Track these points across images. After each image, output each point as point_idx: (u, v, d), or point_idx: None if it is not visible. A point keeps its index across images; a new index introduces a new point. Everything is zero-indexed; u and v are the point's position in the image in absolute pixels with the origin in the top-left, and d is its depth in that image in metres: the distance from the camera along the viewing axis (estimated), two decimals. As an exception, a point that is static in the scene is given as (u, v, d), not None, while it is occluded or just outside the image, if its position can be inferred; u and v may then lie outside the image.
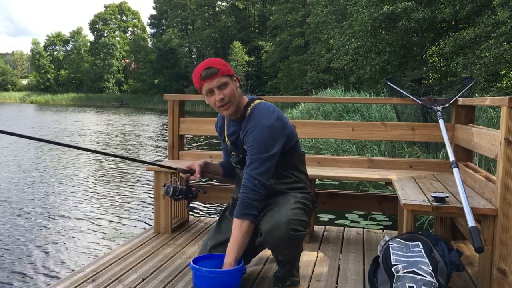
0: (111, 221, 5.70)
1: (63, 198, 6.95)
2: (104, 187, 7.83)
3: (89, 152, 12.22)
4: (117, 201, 6.79)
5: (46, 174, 8.92)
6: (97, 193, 7.36)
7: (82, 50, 72.54)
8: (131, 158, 2.54)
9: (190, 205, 2.51)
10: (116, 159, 11.15)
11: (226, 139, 2.42)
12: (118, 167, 10.03)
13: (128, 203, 6.70)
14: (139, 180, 8.51)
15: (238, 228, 2.15)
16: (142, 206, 6.50)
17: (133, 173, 9.25)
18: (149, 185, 7.91)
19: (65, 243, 4.85)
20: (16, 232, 5.20)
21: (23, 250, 4.59)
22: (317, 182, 5.68)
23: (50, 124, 22.98)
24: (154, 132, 19.85)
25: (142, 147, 14.28)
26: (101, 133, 18.78)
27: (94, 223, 5.60)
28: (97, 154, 11.88)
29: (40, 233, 5.19)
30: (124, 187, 7.85)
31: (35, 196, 7.06)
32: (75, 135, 17.79)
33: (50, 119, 27.14)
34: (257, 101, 2.30)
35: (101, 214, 6.06)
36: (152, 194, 3.78)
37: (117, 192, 7.43)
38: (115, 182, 8.35)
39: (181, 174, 2.40)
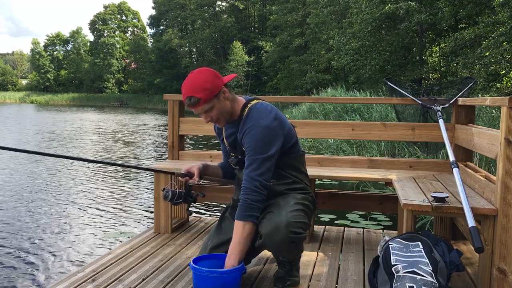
0: (111, 221, 5.70)
1: (63, 198, 6.95)
2: (104, 187, 7.83)
3: (91, 152, 12.24)
4: (117, 201, 6.79)
5: (46, 174, 8.92)
6: (97, 193, 7.36)
7: (82, 50, 72.53)
8: (129, 165, 2.52)
9: (190, 209, 2.50)
10: (117, 158, 11.16)
11: (225, 141, 2.41)
12: (118, 166, 10.02)
13: (128, 203, 6.70)
14: (139, 180, 8.51)
15: (240, 230, 2.14)
16: (142, 206, 6.50)
17: (133, 173, 9.25)
18: (149, 185, 7.91)
19: (65, 243, 4.85)
20: (16, 231, 5.20)
21: (23, 250, 4.59)
22: (317, 182, 5.68)
23: (60, 123, 23.39)
24: (163, 130, 19.98)
25: (149, 144, 14.48)
26: (115, 132, 19.29)
27: (94, 223, 5.60)
28: (99, 153, 11.90)
29: (40, 232, 5.19)
30: (124, 187, 7.85)
31: (35, 195, 7.06)
32: (89, 133, 18.28)
33: (59, 119, 27.46)
34: (254, 102, 2.28)
35: (101, 214, 6.06)
36: (152, 193, 3.78)
37: (117, 192, 7.43)
38: (115, 181, 8.35)
39: (179, 178, 2.40)
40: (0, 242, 4.84)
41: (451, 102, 3.22)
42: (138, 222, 5.68)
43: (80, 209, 6.33)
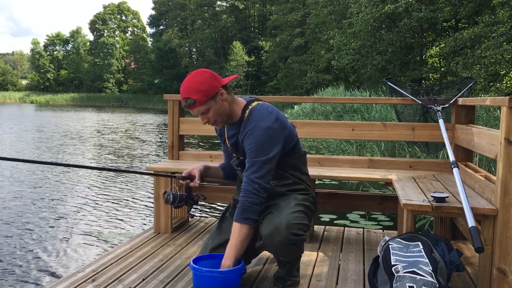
0: (111, 221, 5.70)
1: (63, 198, 6.95)
2: (104, 187, 7.83)
3: (112, 149, 12.24)
4: (117, 201, 6.79)
5: (47, 173, 8.92)
6: (97, 193, 7.36)
7: (82, 50, 72.51)
8: (129, 171, 2.53)
9: (191, 212, 2.49)
10: (117, 157, 11.16)
11: (227, 141, 2.41)
12: (118, 166, 10.02)
13: (128, 203, 6.70)
14: (140, 180, 8.51)
15: (237, 232, 2.14)
16: (142, 206, 6.50)
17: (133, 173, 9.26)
18: (150, 185, 7.91)
19: (65, 243, 4.85)
20: (16, 232, 5.20)
21: (23, 250, 4.59)
22: (317, 182, 5.68)
23: (71, 123, 23.76)
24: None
25: (156, 143, 14.76)
26: (130, 131, 19.82)
27: (94, 223, 5.60)
28: (98, 153, 11.90)
29: (40, 233, 5.19)
30: (124, 187, 7.85)
31: (35, 194, 7.06)
32: (105, 132, 18.75)
33: (67, 118, 27.72)
34: (255, 103, 2.28)
35: (101, 214, 6.06)
36: (152, 193, 3.78)
37: (117, 192, 7.43)
38: (115, 182, 8.34)
39: (180, 181, 2.40)
40: (0, 242, 4.84)
41: (451, 102, 3.22)
42: (138, 222, 5.68)
43: (80, 209, 6.32)
